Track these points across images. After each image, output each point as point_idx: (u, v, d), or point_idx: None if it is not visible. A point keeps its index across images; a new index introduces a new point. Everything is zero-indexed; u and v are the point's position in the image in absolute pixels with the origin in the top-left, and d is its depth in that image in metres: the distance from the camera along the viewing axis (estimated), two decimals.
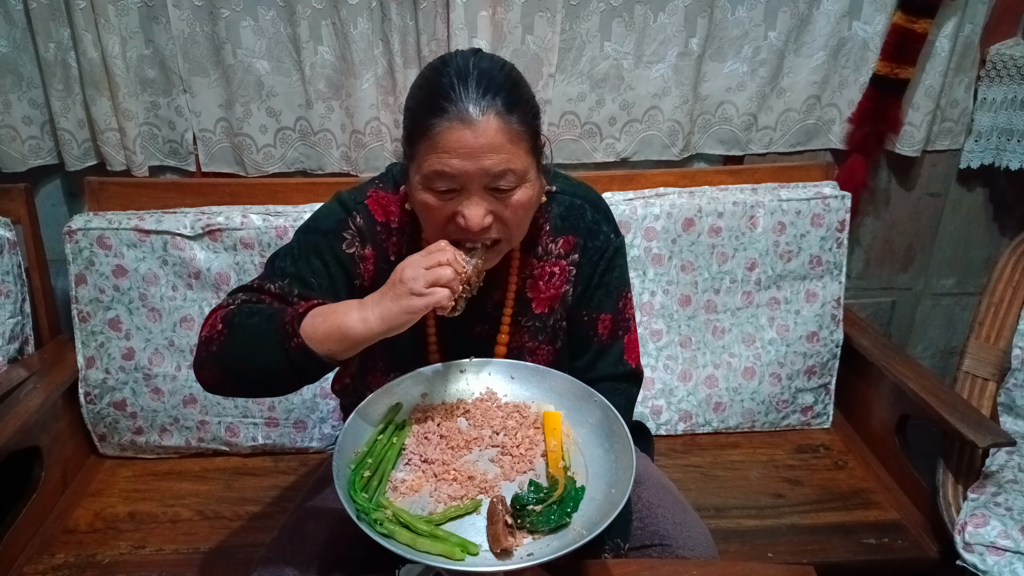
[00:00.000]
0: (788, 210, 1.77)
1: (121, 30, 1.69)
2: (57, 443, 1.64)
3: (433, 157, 0.96)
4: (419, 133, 0.97)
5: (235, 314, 1.01)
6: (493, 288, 1.15)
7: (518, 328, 1.18)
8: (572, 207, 1.16)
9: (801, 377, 1.83)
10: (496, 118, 0.94)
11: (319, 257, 1.09)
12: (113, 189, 1.74)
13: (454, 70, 0.96)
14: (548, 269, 1.16)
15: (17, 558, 1.46)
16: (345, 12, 1.68)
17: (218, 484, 1.69)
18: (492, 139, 0.94)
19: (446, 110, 0.94)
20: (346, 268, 1.10)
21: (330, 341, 0.95)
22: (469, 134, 0.94)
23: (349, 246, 1.11)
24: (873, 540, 1.51)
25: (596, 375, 1.17)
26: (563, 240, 1.16)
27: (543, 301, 1.17)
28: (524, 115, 0.98)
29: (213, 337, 1.00)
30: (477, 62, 0.98)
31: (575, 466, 0.99)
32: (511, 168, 0.97)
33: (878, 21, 1.81)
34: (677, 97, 1.84)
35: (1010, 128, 1.91)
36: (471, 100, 0.94)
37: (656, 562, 1.08)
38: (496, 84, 0.96)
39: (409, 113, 1.01)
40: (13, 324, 1.70)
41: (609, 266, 1.17)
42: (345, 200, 1.13)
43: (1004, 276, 1.71)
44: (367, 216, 1.12)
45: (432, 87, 0.97)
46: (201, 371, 1.03)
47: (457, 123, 0.93)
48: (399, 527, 0.88)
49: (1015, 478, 1.48)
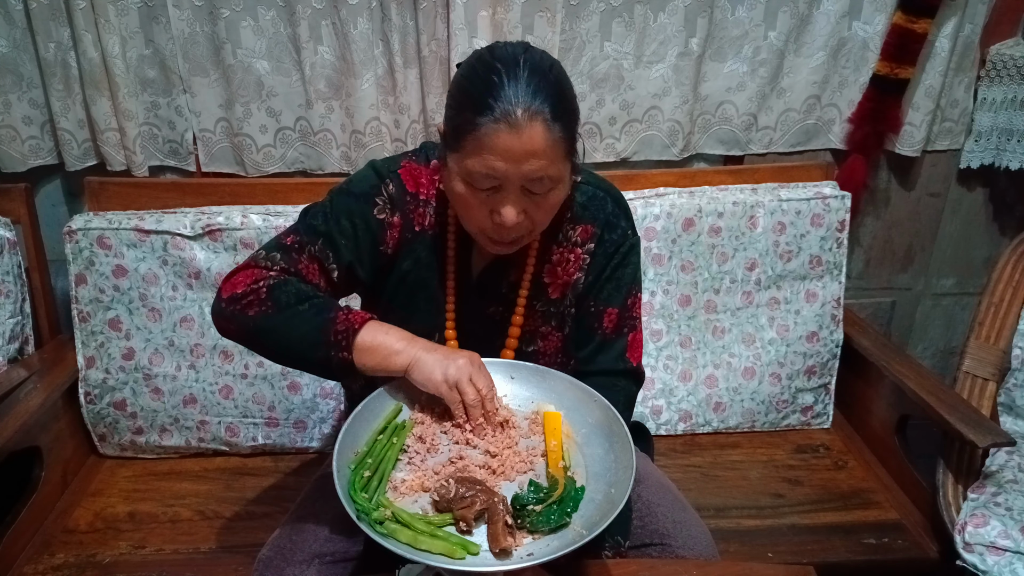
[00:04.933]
0: (788, 210, 1.77)
1: (121, 30, 1.69)
2: (57, 443, 1.64)
3: (477, 158, 0.97)
4: (465, 129, 0.97)
5: (281, 289, 1.03)
6: (510, 268, 1.16)
7: (532, 312, 1.18)
8: (594, 197, 1.18)
9: (801, 377, 1.83)
10: (542, 125, 0.95)
11: (349, 220, 1.11)
12: (113, 189, 1.74)
13: (503, 65, 0.97)
14: (565, 255, 1.17)
15: (17, 558, 1.46)
16: (345, 12, 1.68)
17: (218, 484, 1.69)
18: (536, 146, 0.96)
19: (493, 109, 0.95)
20: (374, 233, 1.12)
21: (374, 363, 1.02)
22: (515, 139, 0.95)
23: (380, 212, 1.12)
24: (873, 540, 1.51)
25: (595, 367, 1.17)
26: (582, 228, 1.17)
27: (558, 287, 1.18)
28: (567, 124, 0.99)
29: (252, 301, 1.02)
30: (527, 59, 0.98)
31: (575, 466, 0.99)
32: (548, 174, 0.99)
33: (878, 21, 1.81)
34: (677, 97, 1.84)
35: (1010, 128, 1.91)
36: (520, 104, 0.94)
37: (656, 562, 1.08)
38: (545, 87, 0.96)
39: (455, 103, 1.01)
40: (13, 324, 1.70)
41: (623, 261, 1.18)
42: (379, 168, 1.15)
43: (1004, 276, 1.71)
44: (399, 185, 1.14)
45: (480, 81, 0.97)
46: (226, 324, 1.05)
47: (504, 126, 0.94)
48: (399, 527, 0.88)
49: (1015, 478, 1.48)
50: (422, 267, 1.16)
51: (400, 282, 1.17)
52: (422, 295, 1.17)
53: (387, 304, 1.19)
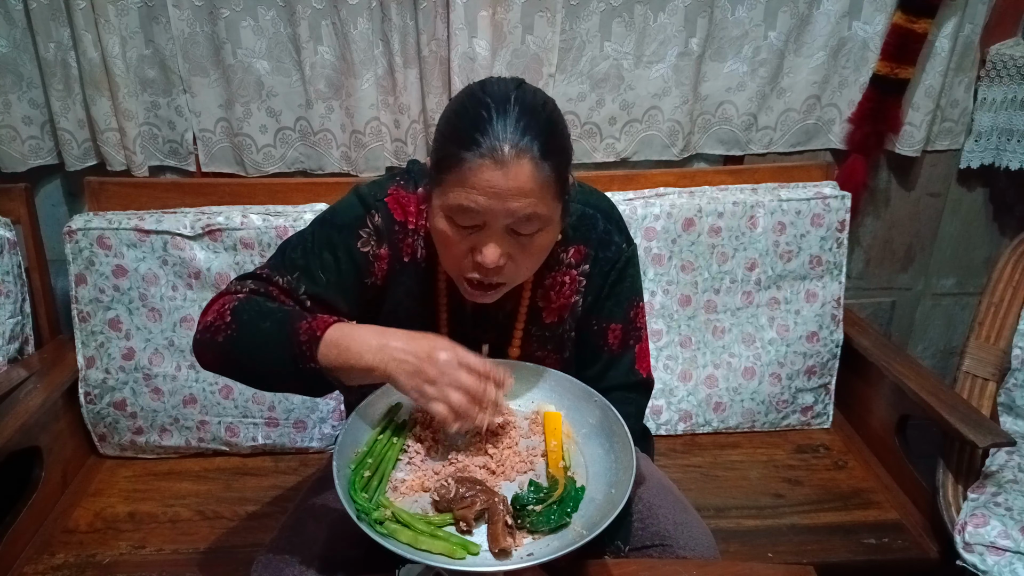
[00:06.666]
0: (788, 210, 1.77)
1: (121, 30, 1.69)
2: (57, 443, 1.64)
3: (460, 191, 0.93)
4: (449, 163, 0.94)
5: (244, 309, 0.99)
6: (505, 299, 1.12)
7: (528, 338, 1.17)
8: (584, 216, 1.14)
9: (801, 377, 1.83)
10: (530, 163, 0.91)
11: (331, 252, 1.07)
12: (113, 189, 1.74)
13: (493, 101, 0.93)
14: (559, 279, 1.15)
15: (17, 558, 1.46)
16: (345, 12, 1.68)
17: (218, 484, 1.69)
18: (523, 184, 0.92)
19: (480, 144, 0.91)
20: (358, 266, 1.08)
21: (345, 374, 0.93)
22: (500, 175, 0.91)
23: (364, 244, 1.08)
24: (873, 540, 1.51)
25: (607, 384, 1.15)
26: (574, 250, 1.14)
27: (553, 311, 1.16)
28: (557, 163, 0.95)
29: (220, 327, 0.98)
30: (519, 96, 0.94)
31: (575, 466, 0.99)
32: (537, 213, 0.94)
33: (878, 21, 1.81)
34: (677, 97, 1.84)
35: (1010, 128, 1.91)
36: (507, 140, 0.90)
37: (656, 562, 1.08)
38: (535, 126, 0.92)
39: (441, 138, 0.98)
40: (13, 324, 1.70)
41: (620, 276, 1.15)
42: (365, 196, 1.10)
43: (1004, 276, 1.71)
44: (386, 215, 1.10)
45: (469, 116, 0.94)
46: (202, 354, 1.01)
47: (490, 161, 0.91)
48: (399, 527, 0.88)
49: (1015, 478, 1.48)
50: (413, 299, 1.13)
51: (391, 314, 1.13)
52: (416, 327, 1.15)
53: None
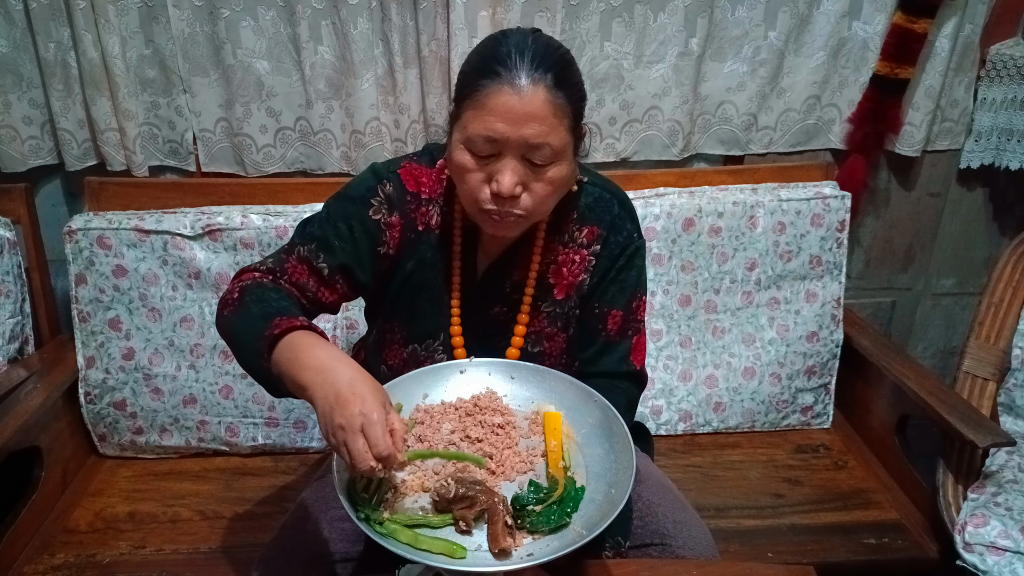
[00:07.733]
0: (788, 210, 1.77)
1: (121, 30, 1.69)
2: (57, 443, 1.64)
3: (477, 119, 0.98)
4: (468, 93, 0.99)
5: (251, 290, 1.02)
6: (513, 268, 1.16)
7: (538, 313, 1.18)
8: (600, 199, 1.18)
9: (801, 377, 1.83)
10: (544, 90, 0.97)
11: (346, 222, 1.11)
12: (113, 189, 1.74)
13: (512, 42, 0.99)
14: (571, 256, 1.17)
15: (17, 558, 1.46)
16: (345, 12, 1.68)
17: (218, 484, 1.69)
18: (537, 109, 0.96)
19: (499, 74, 0.96)
20: (371, 234, 1.12)
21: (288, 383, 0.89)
22: (516, 100, 0.96)
23: (376, 212, 1.12)
24: (873, 540, 1.51)
25: (598, 369, 1.17)
26: (587, 229, 1.17)
27: (563, 288, 1.18)
28: (571, 94, 1.00)
29: (228, 302, 1.02)
30: (536, 37, 1.01)
31: (575, 466, 0.99)
32: (549, 142, 0.98)
33: (878, 21, 1.81)
34: (677, 97, 1.84)
35: (1010, 128, 1.91)
36: (524, 70, 0.96)
37: (656, 562, 1.08)
38: (550, 59, 0.98)
39: (462, 76, 1.03)
40: (13, 324, 1.70)
41: (628, 263, 1.18)
42: (378, 170, 1.16)
43: (1004, 276, 1.71)
44: (398, 185, 1.14)
45: (489, 53, 1.00)
46: (216, 322, 1.06)
47: (507, 87, 0.96)
48: (399, 527, 0.88)
49: (1015, 478, 1.48)
50: (426, 267, 1.16)
51: (404, 284, 1.16)
52: (425, 296, 1.17)
53: (389, 308, 1.19)
